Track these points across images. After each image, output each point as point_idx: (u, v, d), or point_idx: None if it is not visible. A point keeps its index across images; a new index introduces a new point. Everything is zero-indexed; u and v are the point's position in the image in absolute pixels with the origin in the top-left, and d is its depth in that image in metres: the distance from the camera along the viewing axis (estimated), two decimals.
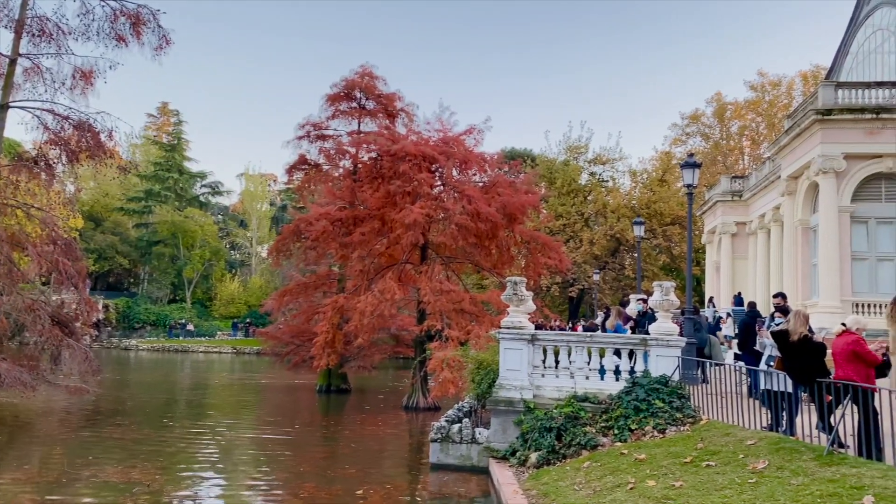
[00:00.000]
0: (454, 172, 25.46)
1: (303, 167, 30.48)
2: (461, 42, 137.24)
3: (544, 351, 13.53)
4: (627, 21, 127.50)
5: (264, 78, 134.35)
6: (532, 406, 12.73)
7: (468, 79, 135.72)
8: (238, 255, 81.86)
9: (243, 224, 79.53)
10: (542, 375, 13.40)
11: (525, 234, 26.21)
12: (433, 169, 24.96)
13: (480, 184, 26.11)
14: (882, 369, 8.57)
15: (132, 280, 74.09)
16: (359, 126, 29.92)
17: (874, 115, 23.00)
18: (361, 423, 21.28)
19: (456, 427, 13.65)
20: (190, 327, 63.47)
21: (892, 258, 23.54)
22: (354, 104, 29.97)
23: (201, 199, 76.50)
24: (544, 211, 45.49)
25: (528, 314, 14.35)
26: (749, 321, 14.24)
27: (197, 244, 68.86)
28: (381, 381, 33.62)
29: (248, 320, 64.13)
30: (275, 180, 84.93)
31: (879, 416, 7.83)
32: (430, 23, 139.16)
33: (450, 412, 15.98)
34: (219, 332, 63.83)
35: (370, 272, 25.99)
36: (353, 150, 29.16)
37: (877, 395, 7.86)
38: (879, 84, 24.21)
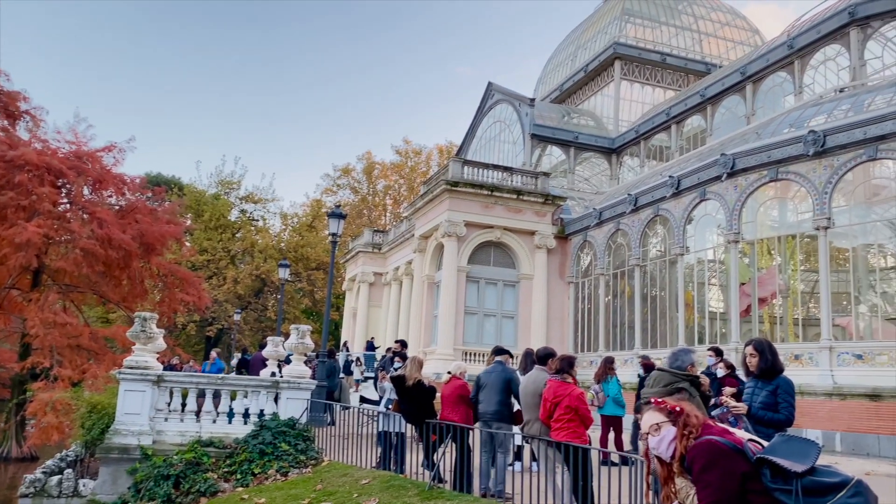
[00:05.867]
0: (85, 191, 22.98)
1: None
2: (114, 57, 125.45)
3: (171, 393, 12.70)
4: (287, 66, 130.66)
5: None
6: (151, 453, 11.77)
7: (118, 97, 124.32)
8: None
9: None
10: (166, 419, 12.52)
11: (163, 267, 24.63)
12: (59, 184, 22.17)
13: (117, 207, 23.92)
14: None
15: None
16: None
17: (489, 192, 27.02)
18: None
19: (55, 479, 11.96)
20: None
21: (495, 314, 27.56)
22: None
23: None
24: (188, 244, 43.27)
25: (158, 353, 13.40)
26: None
27: None
28: None
29: None
30: None
31: (472, 453, 9.00)
32: (79, 30, 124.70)
33: (49, 462, 13.99)
34: None
35: None
36: None
37: (471, 433, 9.06)
38: (495, 167, 28.62)
